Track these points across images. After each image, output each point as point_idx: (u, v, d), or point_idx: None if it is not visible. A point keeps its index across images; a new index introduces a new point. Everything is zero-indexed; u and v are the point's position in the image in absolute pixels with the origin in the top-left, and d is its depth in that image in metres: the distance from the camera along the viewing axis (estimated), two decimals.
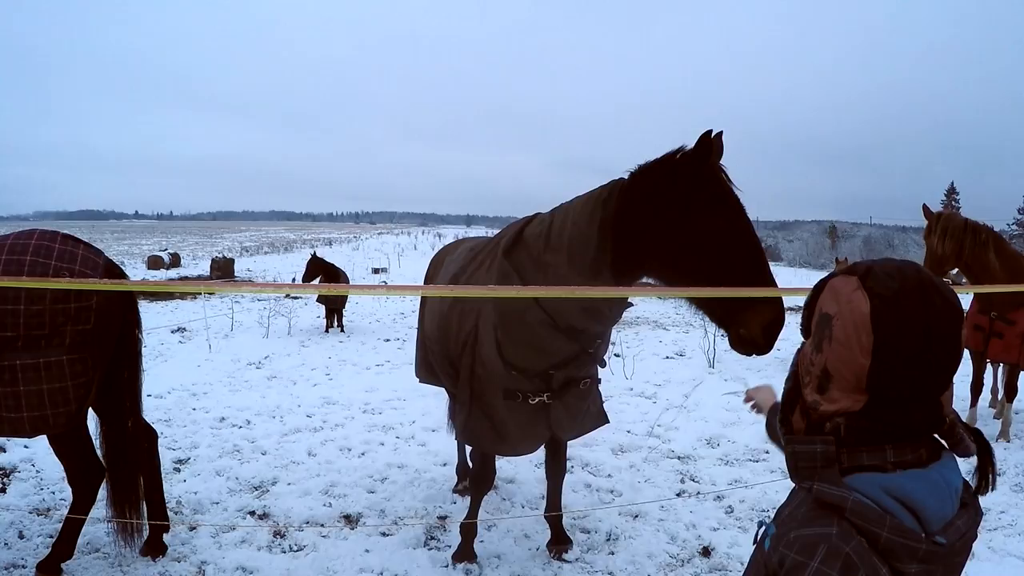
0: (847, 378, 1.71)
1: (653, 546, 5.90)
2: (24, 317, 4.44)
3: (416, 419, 9.43)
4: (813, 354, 1.84)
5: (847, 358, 1.70)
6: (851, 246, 63.27)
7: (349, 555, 5.63)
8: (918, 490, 1.67)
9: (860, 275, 1.75)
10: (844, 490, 1.67)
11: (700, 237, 3.73)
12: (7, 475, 7.09)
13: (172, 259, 39.99)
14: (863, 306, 1.68)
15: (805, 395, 1.87)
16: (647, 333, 17.65)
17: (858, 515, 1.63)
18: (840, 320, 1.73)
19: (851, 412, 1.72)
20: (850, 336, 1.69)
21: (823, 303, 1.84)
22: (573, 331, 4.47)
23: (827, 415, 1.77)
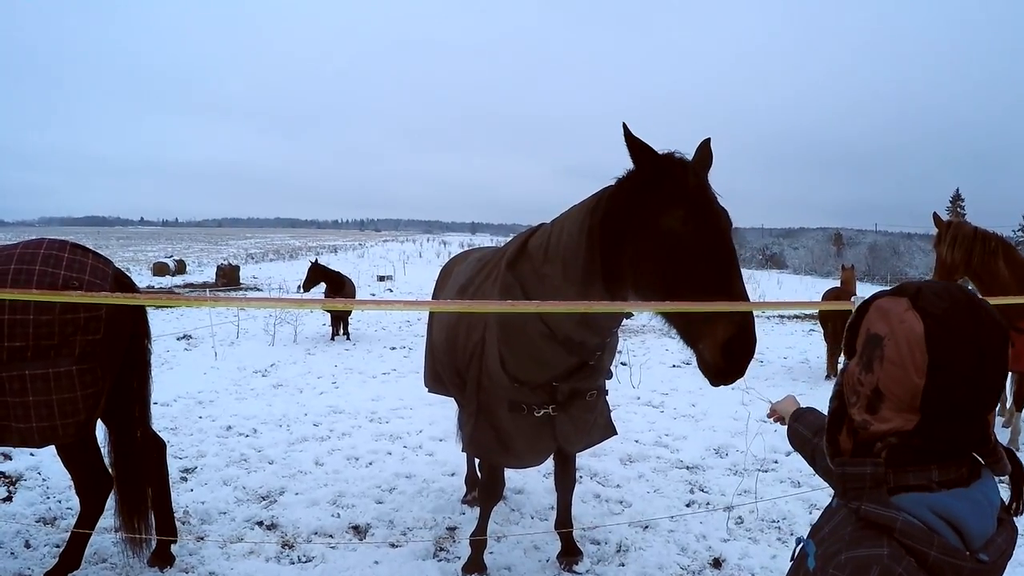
0: (900, 398, 1.71)
1: (664, 558, 5.86)
2: (33, 327, 4.41)
3: (423, 428, 9.40)
4: (862, 374, 1.82)
5: (901, 378, 1.70)
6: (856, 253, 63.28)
7: (358, 567, 5.59)
8: (962, 509, 1.67)
9: (910, 296, 1.76)
10: (893, 511, 1.67)
11: (667, 244, 3.57)
12: (13, 483, 7.07)
13: (177, 266, 40.04)
14: (916, 326, 1.69)
15: (852, 415, 1.85)
16: (653, 341, 17.61)
17: (907, 536, 1.63)
18: (892, 340, 1.72)
19: (904, 431, 1.72)
20: (904, 356, 1.69)
21: (870, 323, 1.84)
22: (571, 343, 4.42)
23: (878, 435, 1.77)
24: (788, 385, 12.89)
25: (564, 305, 3.83)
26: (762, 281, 45.80)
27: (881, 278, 49.99)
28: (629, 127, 3.69)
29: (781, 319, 23.66)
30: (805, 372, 14.36)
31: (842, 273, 15.67)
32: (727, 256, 3.53)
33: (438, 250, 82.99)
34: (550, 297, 4.25)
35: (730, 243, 3.58)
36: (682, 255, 3.54)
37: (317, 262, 18.45)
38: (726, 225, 3.60)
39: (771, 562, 5.81)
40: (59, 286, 4.54)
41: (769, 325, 21.98)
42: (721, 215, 3.61)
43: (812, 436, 2.72)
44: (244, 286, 32.15)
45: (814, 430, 2.74)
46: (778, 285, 43.91)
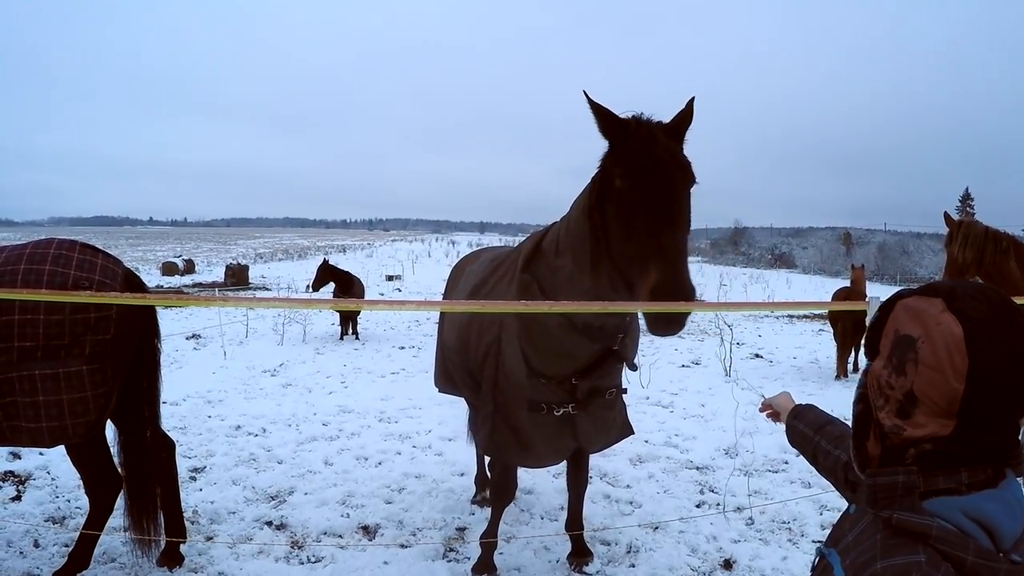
0: (937, 403, 1.66)
1: (674, 559, 5.84)
2: (43, 327, 4.41)
3: (432, 428, 9.40)
4: (892, 377, 1.77)
5: (938, 382, 1.65)
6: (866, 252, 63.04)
7: (368, 567, 5.58)
8: (995, 510, 1.65)
9: (944, 296, 1.71)
10: (927, 518, 1.64)
11: (615, 203, 3.65)
12: (22, 482, 7.07)
13: (186, 265, 40.13)
14: (955, 329, 1.64)
15: (881, 419, 1.80)
16: (662, 341, 17.58)
17: (943, 541, 1.60)
18: (928, 343, 1.67)
19: (939, 437, 1.68)
20: (942, 359, 1.64)
21: (899, 323, 1.79)
22: (591, 329, 4.38)
23: (911, 441, 1.73)
24: (798, 385, 12.86)
25: (573, 305, 3.82)
26: (771, 280, 45.75)
27: (891, 278, 49.84)
28: (590, 95, 3.76)
29: (790, 319, 23.63)
30: (815, 372, 14.32)
31: (852, 272, 15.64)
32: (660, 209, 3.50)
33: (447, 250, 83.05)
34: (565, 287, 4.24)
35: (667, 196, 3.54)
36: (624, 211, 3.59)
37: (326, 262, 18.46)
38: (664, 178, 3.56)
39: (782, 563, 5.79)
40: (69, 286, 4.54)
41: (778, 325, 21.95)
42: (659, 167, 3.58)
43: (814, 434, 2.70)
44: (253, 286, 32.19)
45: (815, 428, 2.71)
46: (787, 285, 43.82)
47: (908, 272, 52.55)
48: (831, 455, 2.57)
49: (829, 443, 2.61)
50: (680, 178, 3.61)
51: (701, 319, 21.27)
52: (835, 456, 2.55)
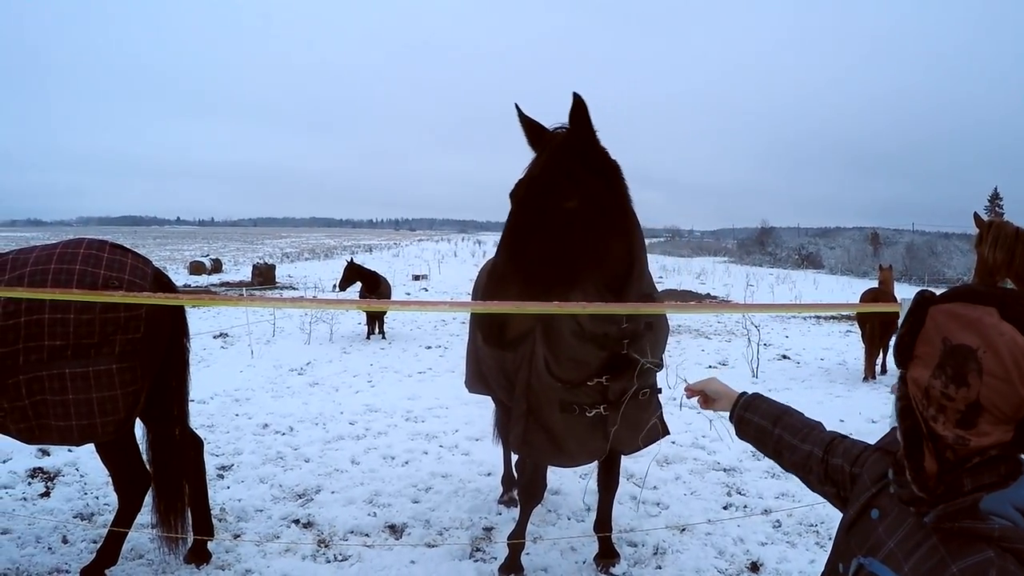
0: (1004, 411, 1.68)
1: (701, 561, 5.81)
2: (74, 326, 4.44)
3: (459, 428, 9.40)
4: (949, 388, 1.74)
5: (1007, 392, 1.66)
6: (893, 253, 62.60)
7: (395, 566, 5.58)
8: None
9: (996, 305, 1.71)
10: (989, 522, 1.68)
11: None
12: (51, 479, 7.13)
13: (214, 265, 40.37)
14: (1020, 339, 1.65)
15: (938, 431, 1.78)
16: (689, 342, 17.53)
17: (1006, 540, 1.65)
18: (992, 353, 1.67)
19: (1004, 443, 1.71)
20: (1010, 370, 1.65)
21: (948, 332, 1.76)
22: (595, 337, 4.36)
23: (978, 450, 1.74)
24: (825, 387, 12.77)
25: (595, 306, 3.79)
26: (798, 281, 45.51)
27: (919, 278, 49.41)
28: (521, 108, 3.75)
29: (818, 320, 23.47)
30: (842, 374, 14.21)
31: (880, 273, 15.52)
32: (505, 230, 3.51)
33: (473, 249, 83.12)
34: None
35: (516, 211, 3.51)
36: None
37: (353, 261, 18.51)
38: (517, 199, 3.53)
39: (809, 567, 5.74)
40: (99, 285, 4.57)
41: (806, 326, 21.81)
42: (518, 187, 3.55)
43: (772, 427, 2.64)
44: (280, 285, 32.34)
45: (772, 420, 2.66)
46: (814, 285, 43.55)
47: (936, 273, 52.12)
48: (799, 450, 2.53)
49: (793, 437, 2.57)
50: (529, 197, 3.51)
51: (728, 320, 21.18)
52: (805, 451, 2.51)
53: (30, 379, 4.46)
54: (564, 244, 3.46)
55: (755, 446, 2.74)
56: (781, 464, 2.63)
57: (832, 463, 2.41)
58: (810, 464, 2.48)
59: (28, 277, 4.52)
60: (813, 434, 2.54)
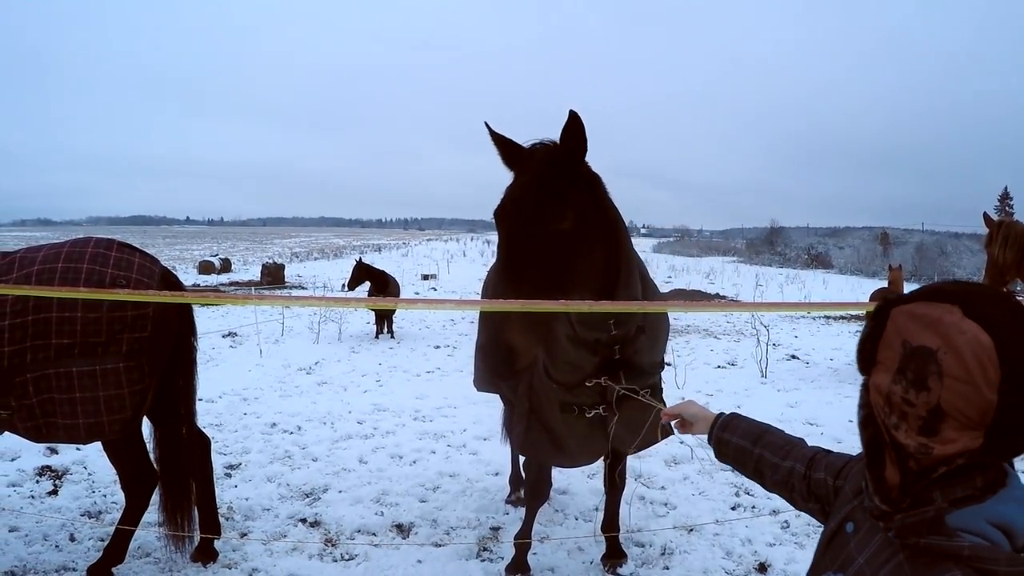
0: (968, 415, 1.58)
1: (708, 561, 5.79)
2: (81, 324, 4.45)
3: (467, 427, 9.40)
4: (910, 393, 1.66)
5: (970, 395, 1.56)
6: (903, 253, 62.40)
7: (401, 566, 5.58)
8: (1013, 512, 1.63)
9: (958, 303, 1.62)
10: (957, 539, 1.60)
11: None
12: (59, 477, 7.15)
13: (223, 264, 40.43)
14: (983, 338, 1.55)
15: (900, 439, 1.71)
16: (698, 341, 17.49)
17: (976, 559, 1.57)
18: (953, 354, 1.58)
19: (971, 450, 1.61)
20: (972, 371, 1.55)
21: (907, 334, 1.68)
22: (588, 343, 4.35)
23: (943, 458, 1.65)
24: (834, 387, 12.72)
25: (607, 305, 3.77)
26: (808, 281, 45.41)
27: (929, 278, 49.20)
28: (491, 126, 3.69)
29: (827, 320, 23.39)
30: (852, 374, 14.11)
31: (889, 273, 15.47)
32: (500, 263, 3.51)
33: (482, 249, 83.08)
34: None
35: (505, 249, 3.47)
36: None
37: (362, 261, 18.52)
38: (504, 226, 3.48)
39: None
40: (107, 284, 4.57)
41: (815, 326, 21.74)
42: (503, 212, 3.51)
43: (753, 447, 2.55)
44: (289, 284, 32.37)
45: (752, 439, 2.57)
46: (824, 285, 43.44)
47: (946, 272, 51.93)
48: (781, 468, 2.45)
49: (775, 455, 2.49)
50: (520, 221, 3.45)
51: (737, 320, 21.14)
52: (787, 468, 2.43)
53: (37, 377, 4.46)
54: (561, 265, 3.46)
55: (735, 467, 2.66)
56: (763, 484, 2.55)
57: (815, 478, 2.32)
58: (792, 481, 2.40)
59: (36, 276, 4.53)
60: (795, 451, 2.46)
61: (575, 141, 3.51)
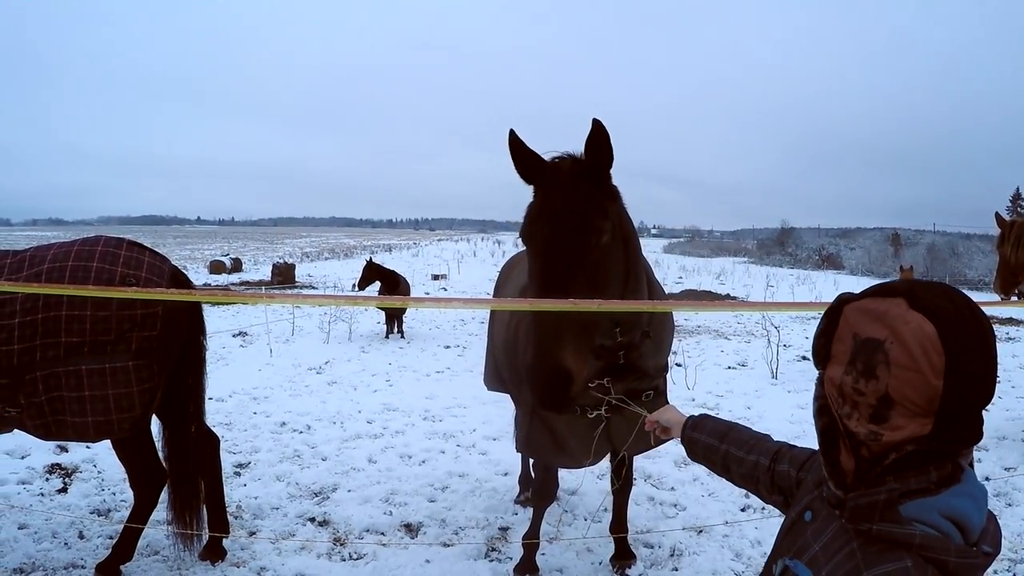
0: (916, 403, 1.65)
1: (718, 563, 5.78)
2: (90, 323, 4.47)
3: (477, 427, 9.39)
4: (859, 383, 1.73)
5: (916, 382, 1.63)
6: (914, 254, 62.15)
7: (409, 565, 5.58)
8: (967, 506, 1.69)
9: (904, 296, 1.70)
10: (908, 527, 1.66)
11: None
12: (69, 475, 7.17)
13: (234, 264, 40.48)
14: (927, 326, 1.64)
15: (851, 427, 1.77)
16: (708, 342, 17.45)
17: (927, 548, 1.63)
18: (898, 343, 1.66)
19: (921, 437, 1.66)
20: (917, 358, 1.63)
21: (856, 327, 1.77)
22: (591, 348, 4.34)
23: (892, 445, 1.71)
24: None
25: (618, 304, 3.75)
26: (819, 282, 45.29)
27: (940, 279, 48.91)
28: (517, 134, 3.61)
29: None
30: None
31: (900, 274, 15.43)
32: (537, 278, 3.42)
33: (492, 249, 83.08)
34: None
35: (543, 264, 3.41)
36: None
37: (372, 261, 18.54)
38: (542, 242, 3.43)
39: None
40: (116, 283, 4.59)
41: None
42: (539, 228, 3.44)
43: (719, 443, 2.64)
44: (299, 284, 32.40)
45: (719, 437, 2.66)
46: (835, 286, 43.30)
47: (958, 273, 51.72)
48: (745, 461, 2.52)
49: (740, 450, 2.56)
50: (561, 238, 3.39)
51: (747, 320, 21.10)
52: (751, 461, 2.50)
53: (47, 375, 4.48)
54: (598, 279, 3.45)
55: (705, 465, 2.74)
56: (731, 479, 2.62)
57: (778, 470, 2.39)
58: (757, 474, 2.47)
59: (46, 274, 4.55)
60: (760, 445, 2.54)
61: (603, 152, 3.48)
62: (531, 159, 3.61)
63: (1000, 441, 8.99)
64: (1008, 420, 9.93)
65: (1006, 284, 8.84)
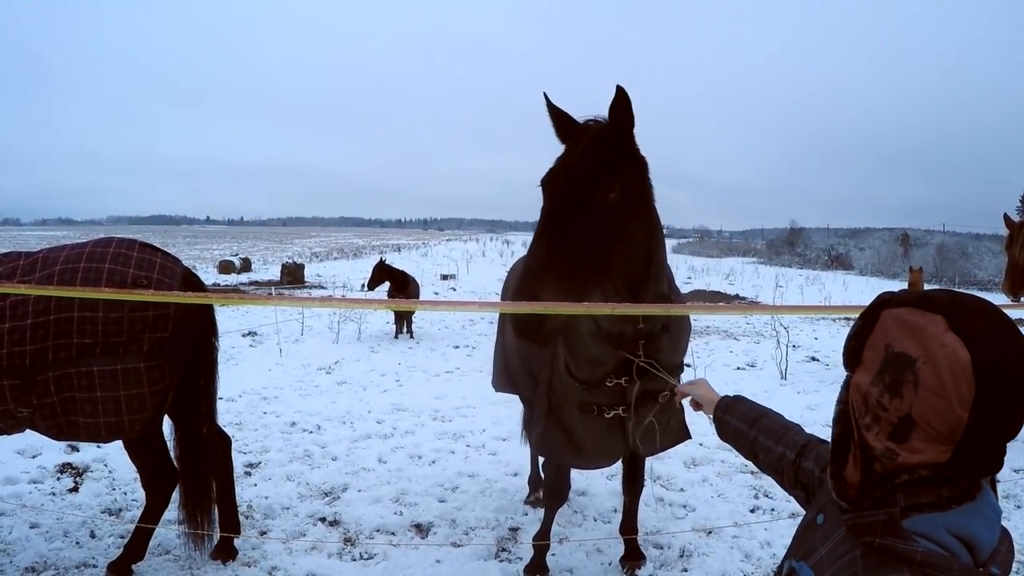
0: (937, 429, 1.58)
1: (727, 564, 5.77)
2: (102, 324, 4.48)
3: (486, 427, 9.40)
4: (884, 397, 1.67)
5: (942, 409, 1.56)
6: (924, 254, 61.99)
7: (419, 565, 5.59)
8: (976, 526, 1.63)
9: (945, 314, 1.61)
10: (912, 543, 1.60)
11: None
12: (80, 475, 7.20)
13: (243, 264, 40.57)
14: (962, 353, 1.55)
15: (870, 441, 1.72)
16: (717, 343, 17.43)
17: (928, 565, 1.57)
18: (931, 366, 1.58)
19: (936, 464, 1.61)
20: (947, 386, 1.55)
21: (892, 339, 1.69)
22: (612, 336, 4.33)
23: (906, 467, 1.65)
24: None
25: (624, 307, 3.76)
26: (828, 282, 45.20)
27: (949, 280, 48.88)
28: (549, 97, 3.76)
29: (847, 321, 23.22)
30: None
31: (910, 275, 15.40)
32: (540, 224, 3.50)
33: (501, 249, 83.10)
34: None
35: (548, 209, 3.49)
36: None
37: (382, 261, 18.57)
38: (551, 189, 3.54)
39: None
40: (128, 284, 4.60)
41: (835, 328, 21.62)
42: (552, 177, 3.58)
43: (749, 429, 2.63)
44: (309, 284, 32.46)
45: (749, 422, 2.65)
46: (844, 287, 43.20)
47: (967, 274, 51.59)
48: (773, 452, 2.50)
49: (769, 439, 2.54)
50: (568, 188, 3.49)
51: (756, 321, 21.06)
52: (778, 453, 2.48)
53: (59, 376, 4.50)
54: (601, 237, 3.47)
55: (734, 447, 2.74)
56: (757, 465, 2.62)
57: (803, 466, 2.36)
58: (782, 467, 2.44)
59: (58, 276, 4.57)
60: (788, 436, 2.51)
61: (623, 115, 3.55)
62: (565, 119, 3.74)
63: (1010, 444, 8.97)
64: None
65: (1015, 286, 8.81)
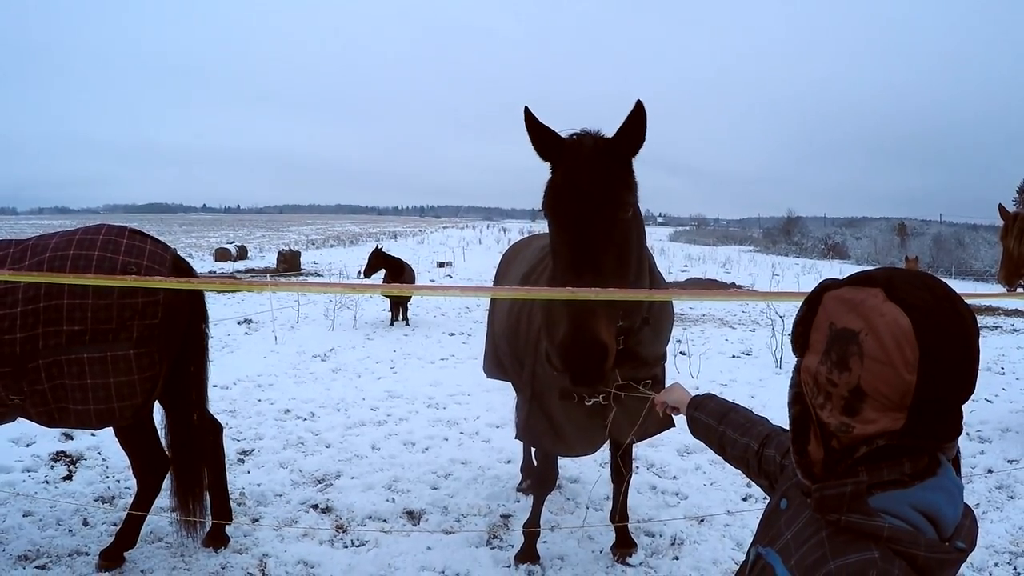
0: (888, 396, 1.61)
1: (719, 552, 5.78)
2: (92, 311, 4.48)
3: (480, 415, 9.41)
4: (833, 373, 1.71)
5: (888, 376, 1.59)
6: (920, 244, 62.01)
7: (411, 552, 5.60)
8: (939, 501, 1.66)
9: (882, 286, 1.66)
10: (878, 519, 1.64)
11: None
12: (73, 463, 7.19)
13: (239, 252, 40.55)
14: (902, 319, 1.59)
15: (823, 418, 1.76)
16: (713, 331, 17.45)
17: (895, 541, 1.61)
18: (873, 335, 1.62)
19: (892, 431, 1.63)
20: (891, 352, 1.59)
21: (834, 317, 1.74)
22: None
23: (862, 438, 1.68)
24: None
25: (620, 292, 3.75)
26: (824, 271, 45.24)
27: (946, 270, 48.89)
28: (531, 111, 3.64)
29: None
30: None
31: (906, 264, 15.36)
32: (568, 254, 3.43)
33: (497, 237, 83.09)
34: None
35: (574, 238, 3.41)
36: (551, 243, 3.65)
37: (379, 248, 18.55)
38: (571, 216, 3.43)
39: None
40: (118, 271, 4.59)
41: None
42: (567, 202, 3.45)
43: (717, 424, 2.67)
44: (305, 271, 32.45)
45: (718, 418, 2.69)
46: (840, 275, 43.07)
47: (964, 264, 51.63)
48: (739, 443, 2.55)
49: (735, 432, 2.59)
50: (591, 213, 3.40)
51: (752, 310, 21.08)
52: (743, 444, 2.52)
53: (49, 363, 4.49)
54: (622, 255, 3.50)
55: (705, 443, 2.79)
56: (726, 459, 2.66)
57: (766, 455, 2.41)
58: (747, 457, 2.50)
59: (48, 263, 4.56)
60: (753, 429, 2.55)
61: (638, 132, 3.51)
62: (548, 135, 3.64)
63: (1004, 433, 8.98)
64: (1012, 412, 9.91)
65: (1010, 275, 8.80)
